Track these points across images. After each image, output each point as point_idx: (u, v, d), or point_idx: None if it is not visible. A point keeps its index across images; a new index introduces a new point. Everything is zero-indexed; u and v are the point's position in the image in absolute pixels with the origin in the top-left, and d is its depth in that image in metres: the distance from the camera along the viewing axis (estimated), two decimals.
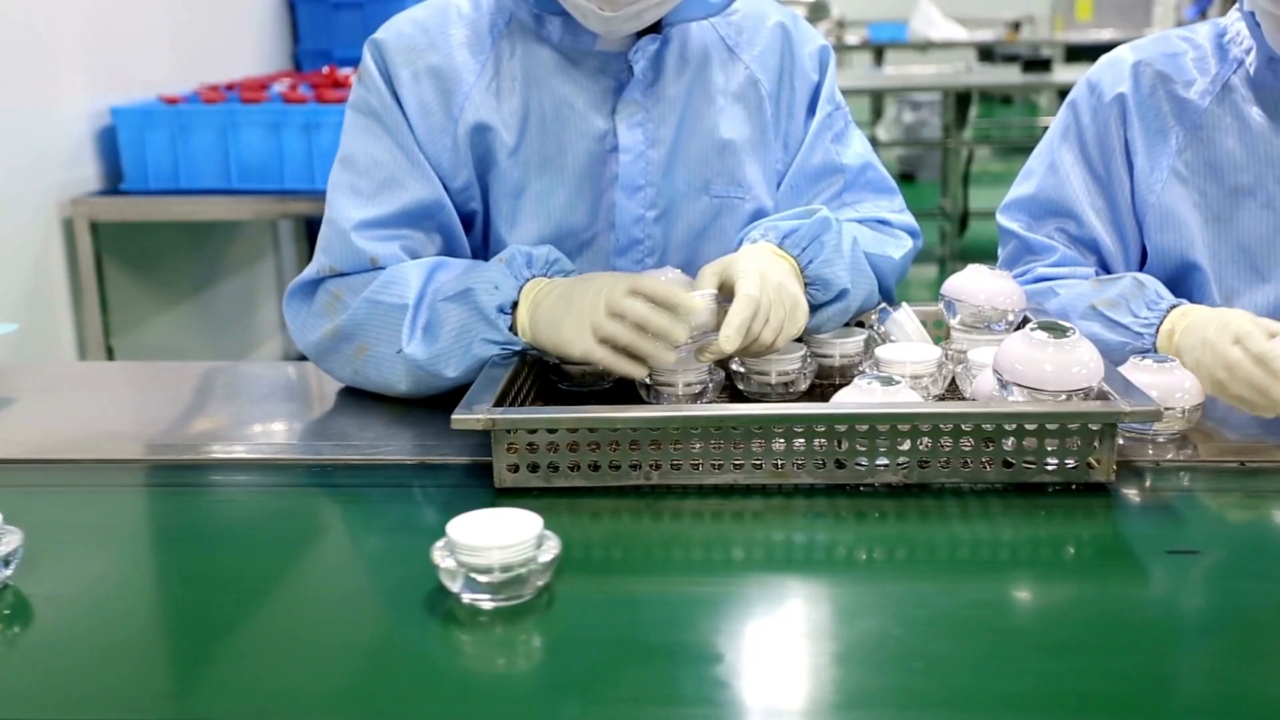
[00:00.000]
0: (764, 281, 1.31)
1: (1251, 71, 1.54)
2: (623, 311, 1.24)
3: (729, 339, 1.26)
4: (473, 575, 0.96)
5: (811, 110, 1.58)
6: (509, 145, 1.47)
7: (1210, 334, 1.33)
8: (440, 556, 0.98)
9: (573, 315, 1.27)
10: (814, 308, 1.41)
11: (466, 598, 0.97)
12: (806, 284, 1.40)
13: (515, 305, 1.34)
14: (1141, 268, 1.61)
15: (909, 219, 1.61)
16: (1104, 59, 1.63)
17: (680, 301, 1.26)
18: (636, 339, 1.25)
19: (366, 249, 1.42)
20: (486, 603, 0.96)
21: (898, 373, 1.30)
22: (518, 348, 1.34)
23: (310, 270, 1.46)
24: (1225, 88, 1.55)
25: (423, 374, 1.37)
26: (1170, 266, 1.57)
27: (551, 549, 0.99)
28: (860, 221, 1.54)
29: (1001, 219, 1.68)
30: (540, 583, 0.98)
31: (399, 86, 1.46)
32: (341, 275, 1.44)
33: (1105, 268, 1.61)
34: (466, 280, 1.35)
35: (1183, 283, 1.57)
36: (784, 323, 1.31)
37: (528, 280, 1.36)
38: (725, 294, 1.33)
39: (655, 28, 1.48)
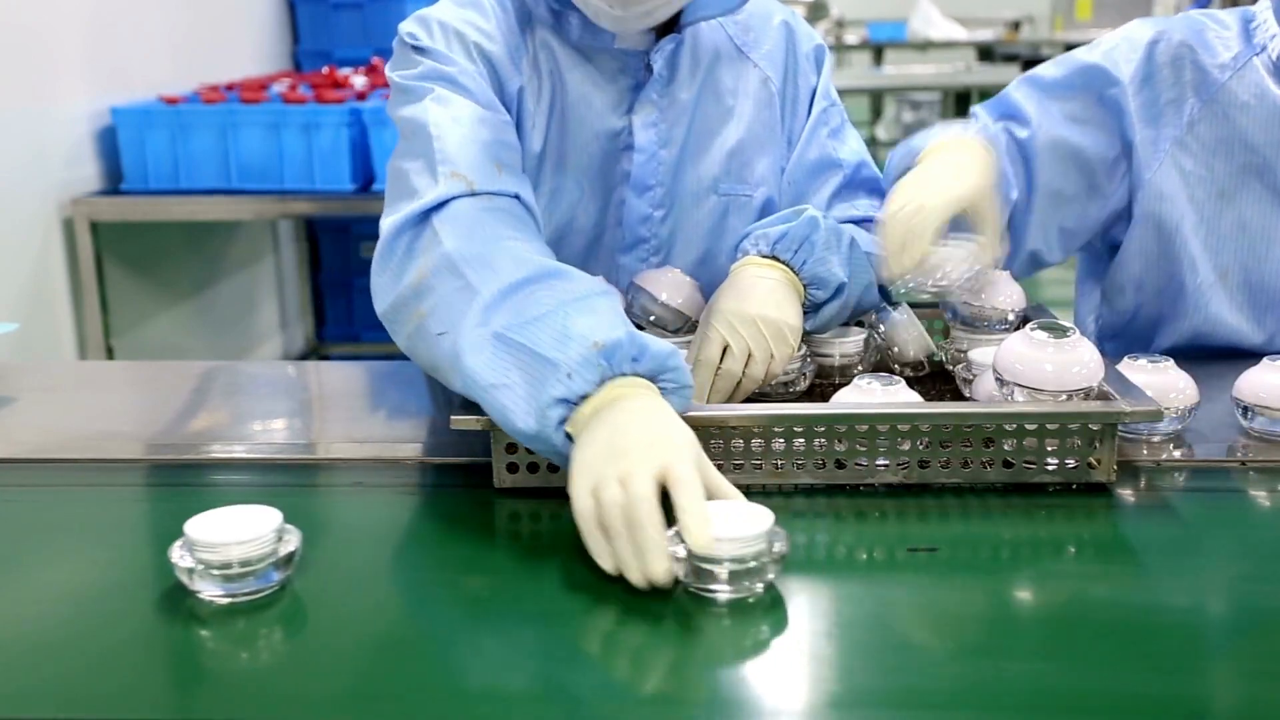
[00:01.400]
0: (732, 332, 1.31)
1: (1274, 58, 1.54)
2: (626, 501, 0.98)
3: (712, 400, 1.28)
4: (211, 571, 0.97)
5: (810, 106, 1.59)
6: (535, 150, 1.46)
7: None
8: (179, 556, 0.98)
9: (602, 454, 1.03)
10: (815, 306, 1.41)
11: (205, 594, 0.98)
12: (805, 285, 1.40)
13: (585, 398, 1.08)
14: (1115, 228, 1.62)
15: None
16: (1128, 27, 1.62)
17: (700, 538, 0.96)
18: (617, 529, 0.98)
19: (505, 179, 1.26)
20: (223, 599, 0.97)
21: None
22: (547, 447, 1.10)
23: (430, 196, 1.23)
24: (1247, 67, 1.55)
25: (454, 373, 1.15)
26: (1163, 236, 1.57)
27: (291, 542, 1.00)
28: (857, 222, 1.54)
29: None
30: (280, 576, 0.99)
31: (460, 59, 1.39)
32: (475, 195, 1.24)
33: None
34: (552, 348, 1.09)
35: (1169, 254, 1.58)
36: (770, 353, 1.32)
37: (621, 375, 1.10)
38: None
39: (673, 26, 1.48)
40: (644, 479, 0.99)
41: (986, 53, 9.40)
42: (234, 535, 0.97)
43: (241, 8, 4.11)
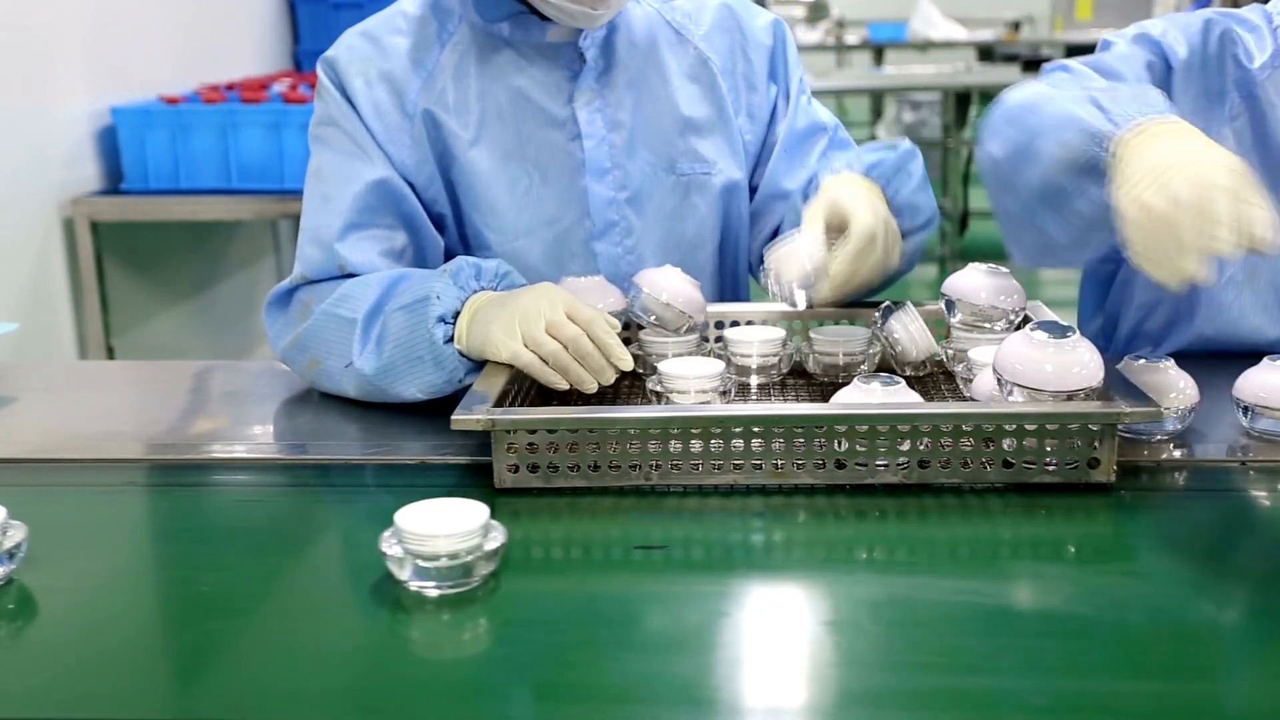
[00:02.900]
0: (876, 216, 1.40)
1: None
2: (565, 339, 1.26)
3: (840, 272, 1.40)
4: None
5: (773, 77, 1.64)
6: (466, 139, 1.51)
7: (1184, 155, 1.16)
8: None
9: (504, 318, 1.28)
10: (902, 236, 1.49)
11: None
12: (894, 214, 1.47)
13: (458, 315, 1.34)
14: None
15: None
16: (1165, 18, 1.57)
17: (615, 351, 1.28)
18: (570, 363, 1.26)
19: (338, 254, 1.44)
20: None
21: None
22: (449, 367, 1.32)
23: (286, 280, 1.50)
24: (1277, 68, 1.50)
25: (372, 388, 1.38)
26: None
27: (15, 536, 1.01)
28: None
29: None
30: (3, 570, 1.01)
31: (353, 95, 1.50)
32: (312, 283, 1.46)
33: None
34: (419, 290, 1.35)
35: None
36: (890, 252, 1.42)
37: (475, 292, 1.36)
38: (835, 227, 1.42)
39: None
40: (563, 319, 1.26)
41: (987, 53, 9.39)
42: None
43: (241, 8, 4.11)
